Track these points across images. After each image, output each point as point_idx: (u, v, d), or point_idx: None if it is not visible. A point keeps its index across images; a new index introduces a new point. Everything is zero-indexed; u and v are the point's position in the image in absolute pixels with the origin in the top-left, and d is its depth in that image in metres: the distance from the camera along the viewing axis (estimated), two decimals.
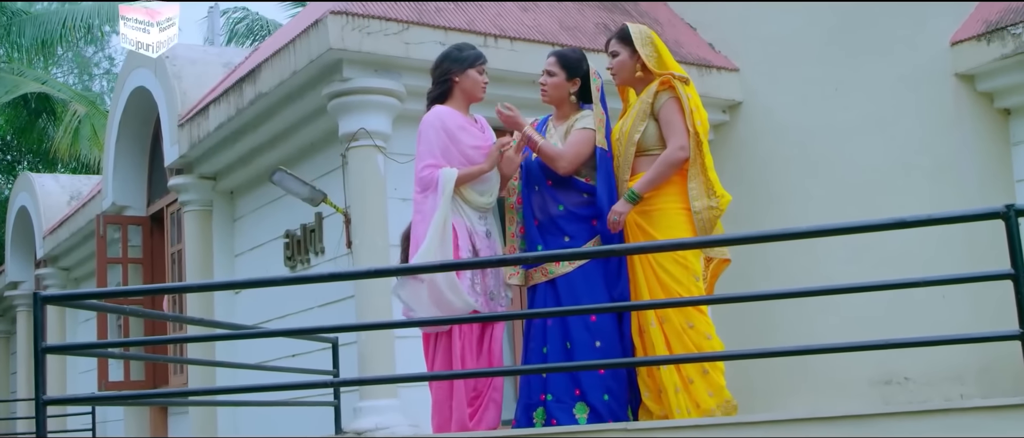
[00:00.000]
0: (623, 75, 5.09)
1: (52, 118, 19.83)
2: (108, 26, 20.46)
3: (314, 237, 7.97)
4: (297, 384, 3.93)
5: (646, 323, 4.83)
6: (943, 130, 7.93)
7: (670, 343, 4.78)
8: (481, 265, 4.62)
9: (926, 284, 3.99)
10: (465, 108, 5.07)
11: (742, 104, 8.74)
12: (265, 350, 7.98)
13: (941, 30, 7.97)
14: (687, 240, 4.74)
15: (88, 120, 18.67)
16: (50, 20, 18.93)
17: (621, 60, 5.06)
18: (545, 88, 5.09)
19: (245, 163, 8.70)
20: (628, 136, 4.93)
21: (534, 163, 5.05)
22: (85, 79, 27.54)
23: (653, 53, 4.98)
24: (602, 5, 8.78)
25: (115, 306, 6.00)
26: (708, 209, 4.84)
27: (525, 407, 4.85)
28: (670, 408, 4.69)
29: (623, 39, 5.05)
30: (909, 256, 7.30)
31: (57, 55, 23.77)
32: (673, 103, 4.89)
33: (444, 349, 4.79)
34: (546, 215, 4.99)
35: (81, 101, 19.59)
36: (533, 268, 4.96)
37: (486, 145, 4.99)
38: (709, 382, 4.77)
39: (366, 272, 3.52)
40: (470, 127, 5.03)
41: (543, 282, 4.94)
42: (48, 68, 22.90)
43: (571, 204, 4.97)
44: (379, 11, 7.07)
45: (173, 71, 9.15)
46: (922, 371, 7.68)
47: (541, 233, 4.98)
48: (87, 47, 27.49)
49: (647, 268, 4.85)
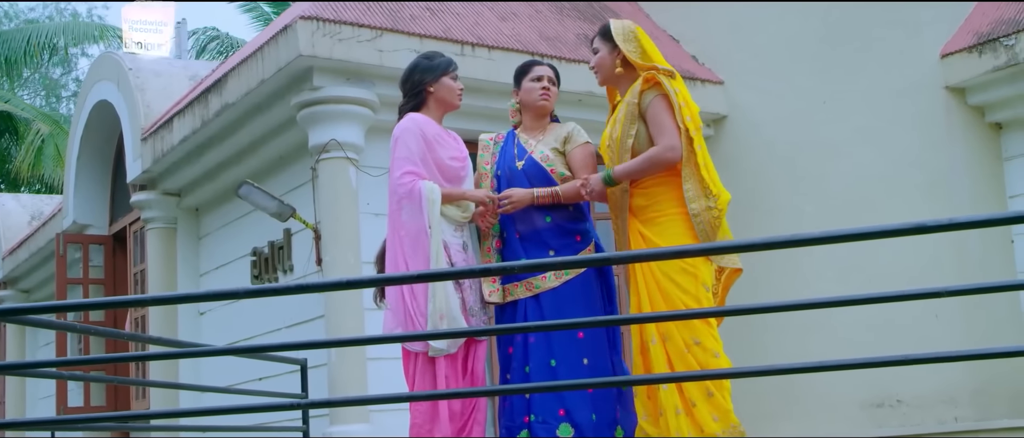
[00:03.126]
0: (603, 72, 4.79)
1: (15, 138, 19.43)
2: (75, 46, 20.12)
3: (282, 254, 7.65)
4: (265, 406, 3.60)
5: (647, 340, 4.50)
6: (934, 145, 7.73)
7: (672, 363, 4.41)
8: (466, 275, 4.29)
9: (925, 296, 3.56)
10: (440, 118, 4.78)
11: (727, 118, 8.49)
12: (230, 374, 7.68)
13: (931, 42, 7.78)
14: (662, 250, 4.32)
15: (52, 139, 18.31)
16: (13, 38, 18.56)
17: (600, 57, 4.77)
18: (548, 95, 4.85)
19: (211, 178, 8.38)
20: (620, 142, 4.61)
21: (519, 172, 4.76)
22: (52, 101, 27.12)
23: (636, 48, 4.67)
24: (582, 16, 8.53)
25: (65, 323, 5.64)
26: (706, 210, 4.49)
27: (507, 428, 4.54)
28: (669, 430, 4.36)
29: (604, 35, 4.77)
30: (897, 276, 7.10)
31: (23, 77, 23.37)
32: (660, 101, 4.57)
33: (425, 370, 4.45)
34: (530, 227, 4.71)
35: (44, 120, 19.21)
36: (516, 282, 4.66)
37: (462, 156, 4.74)
38: (714, 405, 4.40)
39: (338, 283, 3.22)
40: (445, 138, 4.74)
41: (526, 298, 4.64)
42: (13, 88, 22.47)
43: (559, 216, 4.72)
44: (351, 17, 6.79)
45: (136, 83, 8.81)
46: (915, 393, 7.45)
47: (524, 246, 4.69)
48: (54, 69, 27.14)
49: (649, 279, 4.50)
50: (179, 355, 6.63)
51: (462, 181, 4.71)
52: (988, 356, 3.10)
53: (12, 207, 13.52)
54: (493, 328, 4.57)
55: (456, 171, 4.66)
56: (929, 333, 7.20)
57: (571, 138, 4.80)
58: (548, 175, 4.72)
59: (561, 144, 4.79)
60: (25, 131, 19.00)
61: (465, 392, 4.28)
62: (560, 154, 4.77)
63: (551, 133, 4.84)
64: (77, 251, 10.31)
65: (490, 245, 4.77)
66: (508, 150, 4.85)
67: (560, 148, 4.78)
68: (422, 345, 4.41)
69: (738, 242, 4.67)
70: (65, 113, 26.08)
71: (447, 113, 4.80)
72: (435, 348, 4.41)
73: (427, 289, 4.38)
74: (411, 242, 4.46)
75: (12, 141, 19.53)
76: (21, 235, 12.80)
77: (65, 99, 27.39)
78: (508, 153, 4.84)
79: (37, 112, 20.35)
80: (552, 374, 4.50)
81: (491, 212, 4.69)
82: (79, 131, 10.20)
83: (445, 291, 4.43)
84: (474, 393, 4.23)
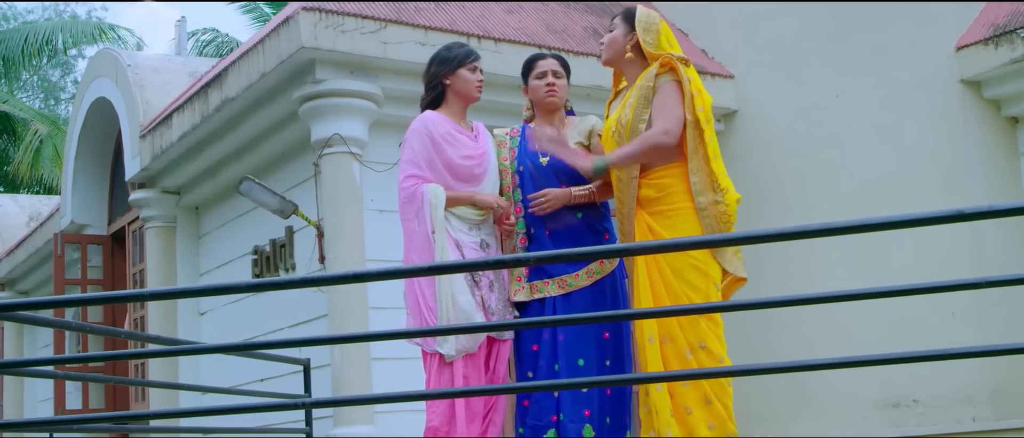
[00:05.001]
0: (611, 51, 4.59)
1: (12, 138, 19.27)
2: (74, 48, 19.97)
3: (284, 252, 7.49)
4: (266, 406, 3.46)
5: (643, 340, 4.30)
6: (949, 139, 7.58)
7: (669, 366, 4.19)
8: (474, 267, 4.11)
9: (936, 290, 3.31)
10: (461, 113, 4.60)
11: (737, 113, 8.34)
12: (231, 375, 7.53)
13: (946, 34, 7.63)
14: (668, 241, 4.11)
15: (50, 140, 18.15)
16: (11, 38, 18.40)
17: (614, 36, 4.58)
18: (556, 89, 4.62)
19: (211, 175, 8.21)
20: (631, 126, 4.42)
21: (544, 168, 4.59)
22: (50, 104, 26.96)
23: (654, 40, 4.50)
24: (590, 8, 8.37)
25: (62, 320, 5.48)
26: (713, 204, 4.30)
27: (533, 428, 4.37)
28: (660, 431, 4.16)
29: (626, 17, 4.58)
30: (912, 275, 6.92)
31: (21, 79, 23.22)
32: (672, 86, 4.40)
33: (442, 370, 4.26)
34: (562, 224, 4.53)
35: (43, 121, 19.06)
36: (546, 279, 4.48)
37: (479, 154, 4.52)
38: (712, 413, 4.18)
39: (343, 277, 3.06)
40: (460, 135, 4.53)
41: (556, 296, 4.47)
42: (11, 89, 22.32)
43: (589, 213, 4.58)
44: (355, 8, 6.63)
45: (135, 80, 8.65)
46: (931, 393, 7.29)
47: (557, 244, 4.50)
48: (53, 71, 26.99)
49: (656, 276, 4.30)
50: (179, 352, 6.49)
51: (479, 179, 4.51)
52: (1005, 352, 2.94)
53: (10, 208, 13.38)
54: (494, 324, 4.34)
55: (469, 169, 4.48)
56: (946, 332, 7.06)
57: (595, 130, 4.67)
58: (576, 171, 4.54)
59: (586, 138, 4.65)
60: (23, 132, 18.85)
61: (460, 391, 4.05)
62: (585, 148, 4.62)
63: (573, 127, 4.69)
64: (75, 251, 10.16)
65: (515, 244, 4.61)
66: (525, 146, 4.69)
67: (585, 142, 4.64)
68: (436, 345, 4.24)
69: (751, 233, 4.47)
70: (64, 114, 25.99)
71: (469, 106, 4.63)
72: (447, 353, 4.24)
73: (433, 289, 4.22)
74: (418, 245, 4.32)
75: (10, 142, 19.38)
76: (19, 236, 12.66)
77: (63, 101, 27.27)
78: (528, 149, 4.67)
79: (35, 113, 20.20)
80: (580, 373, 4.35)
81: (507, 216, 4.53)
82: (77, 129, 10.04)
83: (451, 293, 4.25)
84: (471, 392, 4.01)
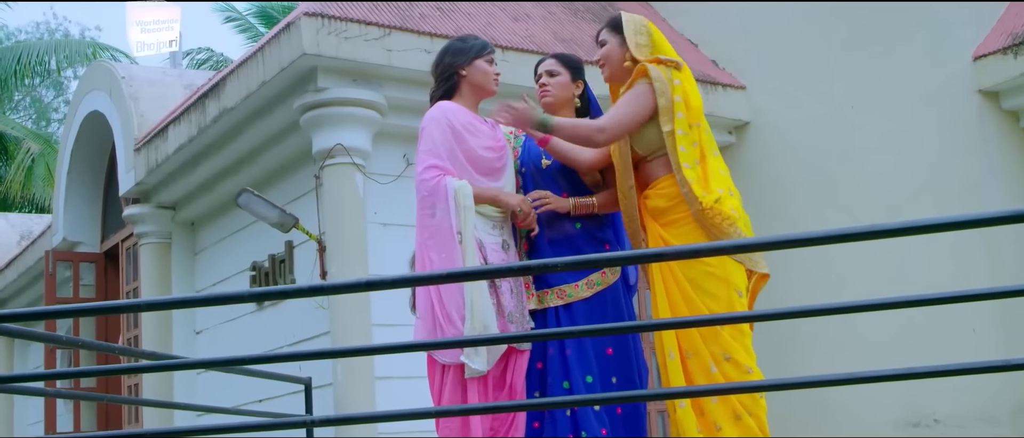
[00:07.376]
0: (611, 67, 4.33)
1: (4, 157, 19.05)
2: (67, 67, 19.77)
3: (284, 268, 7.27)
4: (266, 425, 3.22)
5: (663, 356, 4.07)
6: (966, 151, 7.41)
7: (694, 382, 3.94)
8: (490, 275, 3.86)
9: (953, 300, 3.06)
10: (475, 105, 4.36)
11: (749, 124, 8.17)
12: (230, 396, 7.29)
13: (963, 43, 7.47)
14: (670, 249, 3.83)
15: (42, 159, 17.93)
16: (3, 57, 18.20)
17: (608, 49, 4.32)
18: (548, 88, 4.43)
19: (208, 189, 8.00)
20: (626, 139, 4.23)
21: (545, 172, 4.39)
22: (42, 124, 26.75)
23: (647, 42, 4.25)
24: (596, 17, 8.19)
25: (51, 335, 5.24)
26: (701, 211, 4.07)
27: None
28: None
29: (613, 27, 4.33)
30: (929, 289, 6.70)
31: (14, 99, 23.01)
32: (638, 88, 4.15)
33: (455, 385, 3.98)
34: (560, 232, 4.34)
35: (35, 139, 18.82)
36: (547, 288, 4.28)
37: (499, 146, 4.29)
38: (744, 428, 3.92)
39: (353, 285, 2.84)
40: (479, 126, 4.29)
41: (556, 306, 4.26)
42: (3, 109, 22.11)
43: (588, 223, 4.37)
44: (358, 14, 6.44)
45: (130, 92, 8.44)
46: (952, 412, 7.09)
47: (555, 251, 4.31)
48: (46, 92, 26.79)
49: (673, 288, 4.06)
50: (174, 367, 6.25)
51: (499, 173, 4.27)
52: None
53: (1, 227, 13.14)
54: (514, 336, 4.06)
55: (491, 162, 4.23)
56: (966, 348, 6.88)
57: None
58: (578, 174, 4.36)
59: None
60: (15, 151, 18.62)
61: (473, 409, 3.74)
62: None
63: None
64: (67, 269, 9.91)
65: (518, 249, 4.41)
66: (531, 147, 4.49)
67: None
68: (452, 356, 3.96)
69: (757, 240, 4.22)
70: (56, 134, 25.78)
71: (483, 100, 4.40)
72: (471, 368, 3.93)
73: (457, 295, 3.94)
74: (438, 244, 4.02)
75: (1, 161, 19.14)
76: (9, 255, 12.42)
77: (55, 122, 27.06)
78: (532, 150, 4.48)
79: (27, 131, 19.98)
80: (588, 390, 4.12)
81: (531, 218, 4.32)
82: (70, 143, 9.82)
83: (483, 302, 3.95)
84: (485, 409, 3.73)
